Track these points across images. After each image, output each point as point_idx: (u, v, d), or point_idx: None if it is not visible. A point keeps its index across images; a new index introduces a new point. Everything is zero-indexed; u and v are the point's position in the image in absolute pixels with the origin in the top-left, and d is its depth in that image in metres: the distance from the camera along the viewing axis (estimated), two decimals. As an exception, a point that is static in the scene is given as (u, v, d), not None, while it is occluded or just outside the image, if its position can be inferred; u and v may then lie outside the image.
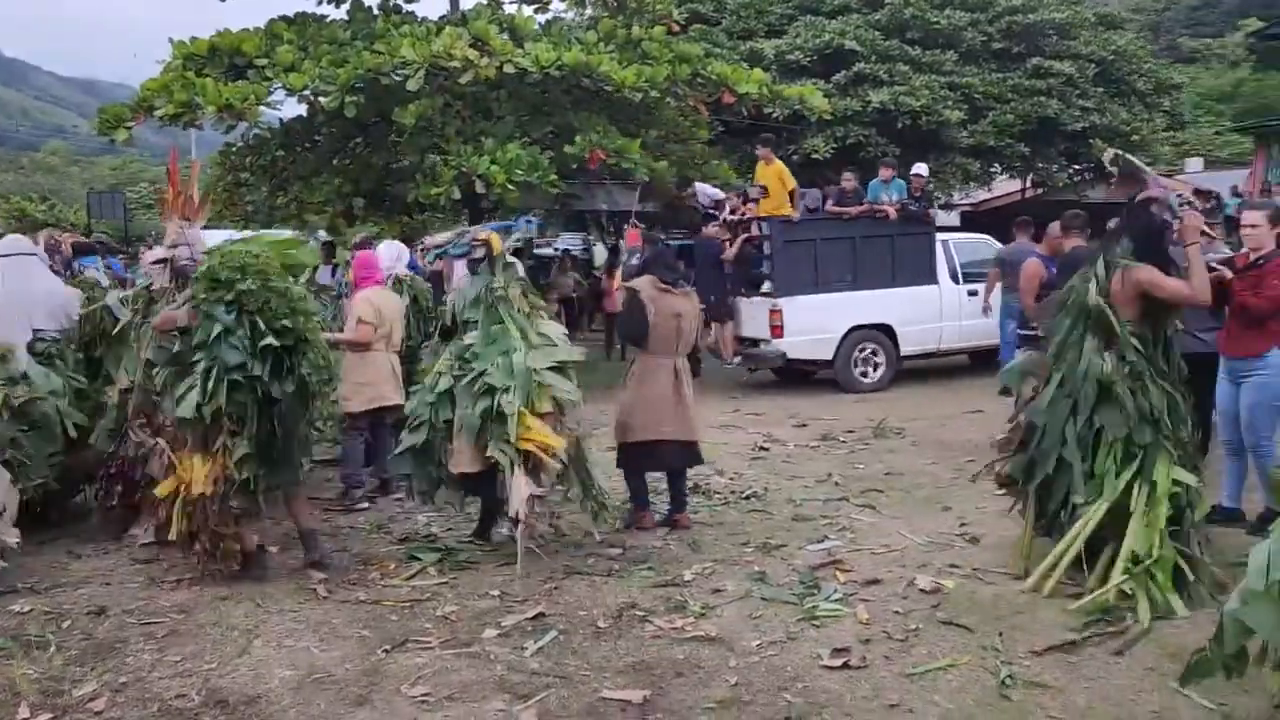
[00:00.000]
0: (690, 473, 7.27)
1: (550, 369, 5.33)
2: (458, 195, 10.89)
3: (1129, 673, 3.81)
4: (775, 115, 13.39)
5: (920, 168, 12.30)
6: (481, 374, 5.23)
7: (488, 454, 5.15)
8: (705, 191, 13.23)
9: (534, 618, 4.57)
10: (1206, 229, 4.97)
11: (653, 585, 4.98)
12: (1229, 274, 5.47)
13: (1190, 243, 4.71)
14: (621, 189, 14.04)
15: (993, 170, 20.75)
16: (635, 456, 5.93)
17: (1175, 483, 4.54)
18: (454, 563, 5.41)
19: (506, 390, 5.13)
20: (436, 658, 4.17)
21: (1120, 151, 4.92)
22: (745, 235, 11.45)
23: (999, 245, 11.69)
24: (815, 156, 17.75)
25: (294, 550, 5.63)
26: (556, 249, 20.95)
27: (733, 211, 11.90)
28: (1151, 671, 3.80)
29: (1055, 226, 7.32)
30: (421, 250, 6.70)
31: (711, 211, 12.60)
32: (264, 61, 10.71)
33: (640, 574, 5.14)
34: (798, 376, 11.92)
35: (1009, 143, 18.71)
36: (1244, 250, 5.59)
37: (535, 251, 19.48)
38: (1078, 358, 4.76)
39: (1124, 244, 4.83)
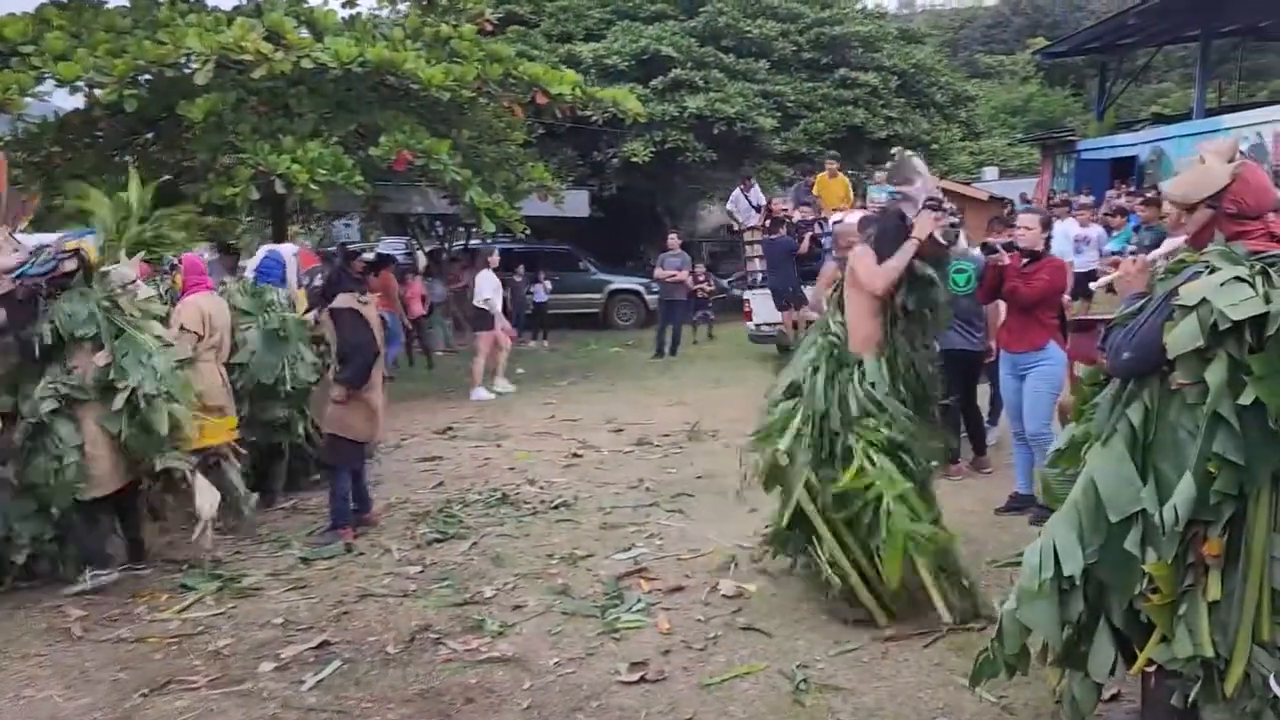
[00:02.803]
0: (498, 482, 7.12)
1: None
2: (256, 195, 10.23)
3: (918, 670, 3.83)
4: (594, 119, 13.29)
5: None
6: (133, 389, 4.98)
7: (159, 466, 5.09)
8: (755, 193, 15.13)
9: (318, 647, 4.25)
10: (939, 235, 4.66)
11: (451, 604, 4.73)
12: (1007, 259, 5.80)
13: (913, 236, 4.43)
14: (438, 192, 13.61)
15: (807, 178, 21.50)
16: (349, 453, 6.01)
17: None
18: (234, 590, 4.99)
19: (169, 395, 5.09)
20: (202, 699, 3.79)
21: (906, 151, 4.94)
22: (810, 234, 12.19)
23: None
24: (635, 160, 17.85)
25: (51, 585, 5.07)
26: (377, 254, 20.25)
27: (773, 211, 13.28)
28: (939, 667, 3.84)
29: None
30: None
31: (754, 210, 14.54)
32: (30, 49, 9.74)
33: (439, 593, 4.88)
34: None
35: (820, 149, 19.35)
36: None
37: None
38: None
39: (868, 233, 4.66)
